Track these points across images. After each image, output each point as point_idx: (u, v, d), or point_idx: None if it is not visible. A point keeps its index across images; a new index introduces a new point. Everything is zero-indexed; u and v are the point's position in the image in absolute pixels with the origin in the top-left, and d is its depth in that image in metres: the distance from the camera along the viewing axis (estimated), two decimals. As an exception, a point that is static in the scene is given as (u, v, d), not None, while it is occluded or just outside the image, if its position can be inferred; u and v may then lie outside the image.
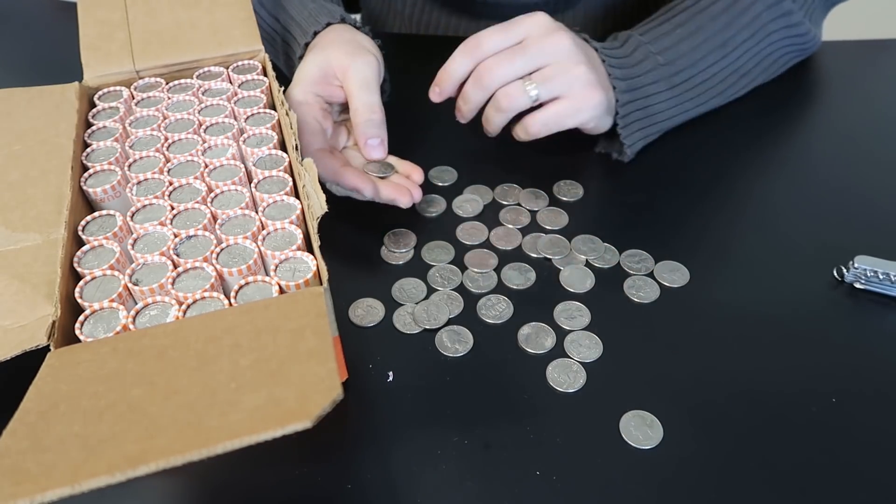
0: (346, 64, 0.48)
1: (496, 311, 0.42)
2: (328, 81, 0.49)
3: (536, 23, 0.48)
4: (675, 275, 0.43)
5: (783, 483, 0.33)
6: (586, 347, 0.39)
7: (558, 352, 0.39)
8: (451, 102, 0.50)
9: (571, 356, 0.39)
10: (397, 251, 0.46)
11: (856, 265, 0.42)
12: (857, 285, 0.42)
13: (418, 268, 0.45)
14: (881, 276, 0.41)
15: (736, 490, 0.33)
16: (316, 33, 0.52)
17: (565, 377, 0.38)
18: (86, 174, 0.39)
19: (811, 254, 0.45)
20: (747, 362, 0.39)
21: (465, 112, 0.50)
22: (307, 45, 0.52)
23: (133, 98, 0.46)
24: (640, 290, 0.43)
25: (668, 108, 0.52)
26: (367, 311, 0.42)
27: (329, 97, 0.49)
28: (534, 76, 0.47)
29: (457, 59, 0.48)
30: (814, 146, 0.54)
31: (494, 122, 0.49)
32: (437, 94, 0.50)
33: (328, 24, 0.52)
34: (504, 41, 0.47)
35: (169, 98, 0.45)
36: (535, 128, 0.48)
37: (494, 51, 0.47)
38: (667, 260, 0.45)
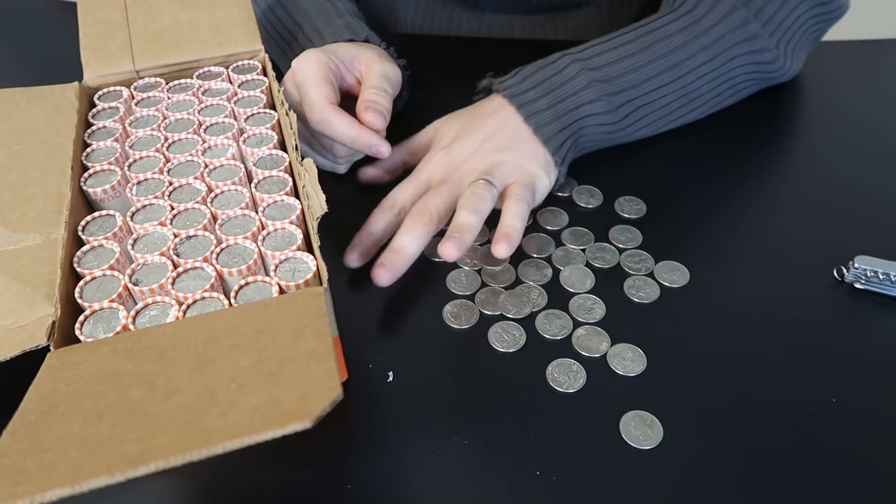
0: (374, 60, 0.48)
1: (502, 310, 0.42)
2: (350, 66, 0.48)
3: (435, 163, 0.47)
4: (674, 275, 0.43)
5: (783, 483, 0.33)
6: (585, 349, 0.39)
7: (562, 351, 0.39)
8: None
9: (572, 356, 0.39)
10: None
11: (856, 265, 0.42)
12: (857, 285, 0.42)
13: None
14: (881, 276, 0.41)
15: (736, 490, 0.33)
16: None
17: (565, 377, 0.38)
18: (86, 174, 0.39)
19: (811, 254, 0.45)
20: (747, 362, 0.39)
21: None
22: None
23: (133, 98, 0.46)
24: (640, 290, 0.43)
25: (608, 129, 0.50)
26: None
27: (343, 77, 0.48)
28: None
29: (375, 217, 0.45)
30: (814, 146, 0.54)
31: (465, 238, 0.42)
32: (354, 258, 0.43)
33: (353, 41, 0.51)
34: (415, 190, 0.46)
35: (169, 98, 0.45)
36: (510, 220, 0.43)
37: (412, 200, 0.46)
38: (667, 260, 0.45)
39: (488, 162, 0.46)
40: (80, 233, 0.36)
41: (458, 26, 0.72)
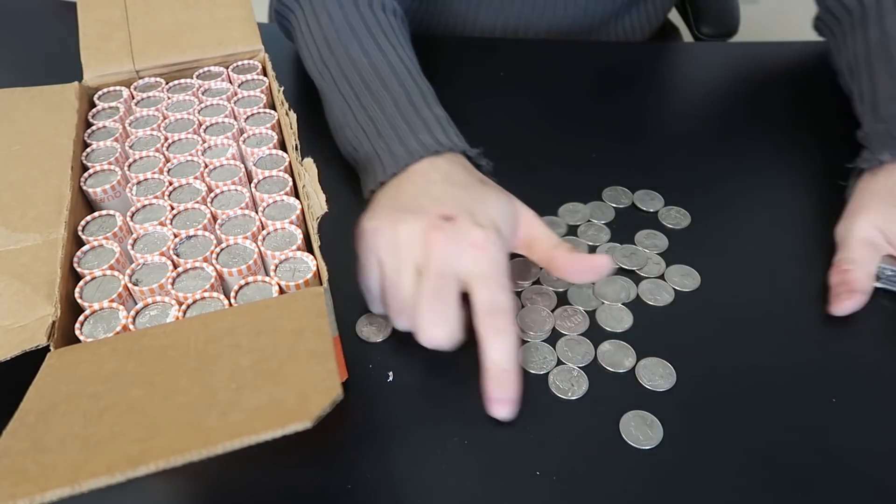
0: (531, 217, 0.41)
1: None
2: (525, 233, 0.41)
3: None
4: (686, 279, 0.43)
5: (783, 483, 0.33)
6: (583, 352, 0.39)
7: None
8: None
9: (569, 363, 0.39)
10: None
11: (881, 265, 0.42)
12: (877, 284, 0.42)
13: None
14: (888, 273, 0.41)
15: (736, 490, 0.33)
16: (437, 153, 0.43)
17: (567, 385, 0.38)
18: (86, 174, 0.39)
19: (819, 254, 0.44)
20: (749, 361, 0.39)
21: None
22: (418, 158, 0.43)
23: (133, 98, 0.46)
24: (655, 294, 0.42)
25: None
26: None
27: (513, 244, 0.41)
28: None
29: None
30: (818, 146, 0.54)
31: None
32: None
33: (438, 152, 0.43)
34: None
35: (169, 98, 0.45)
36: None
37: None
38: (678, 264, 0.44)
39: None
40: (80, 233, 0.36)
41: (454, 25, 0.72)
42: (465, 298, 0.37)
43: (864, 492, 0.33)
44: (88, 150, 0.41)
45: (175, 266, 0.34)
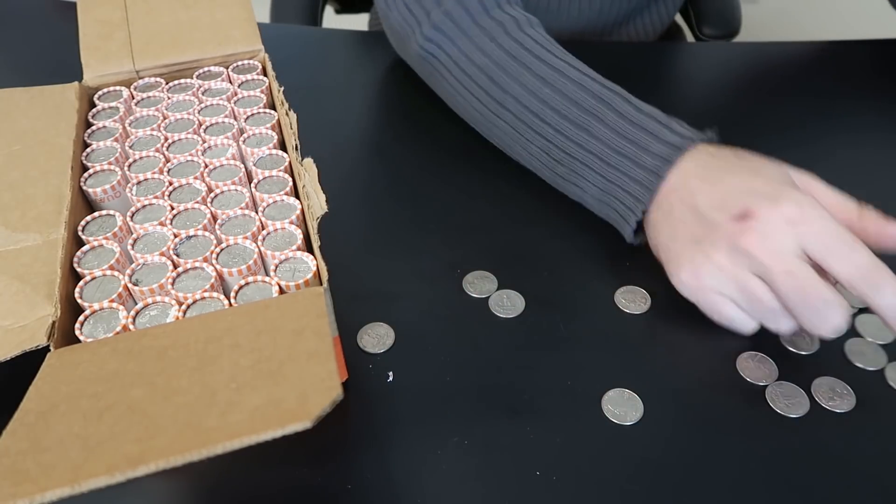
0: (817, 189, 0.39)
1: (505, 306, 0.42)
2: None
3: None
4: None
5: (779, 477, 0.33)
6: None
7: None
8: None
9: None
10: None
11: None
12: None
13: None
14: None
15: (729, 490, 0.33)
16: (676, 158, 0.40)
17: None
18: (86, 174, 0.39)
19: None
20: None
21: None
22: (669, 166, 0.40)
23: (133, 98, 0.46)
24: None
25: None
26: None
27: None
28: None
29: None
30: (816, 146, 0.54)
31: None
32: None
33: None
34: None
35: (169, 98, 0.45)
36: None
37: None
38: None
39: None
40: (80, 233, 0.36)
41: None
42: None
43: (849, 480, 0.33)
44: (88, 150, 0.41)
45: (175, 266, 0.34)
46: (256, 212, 0.37)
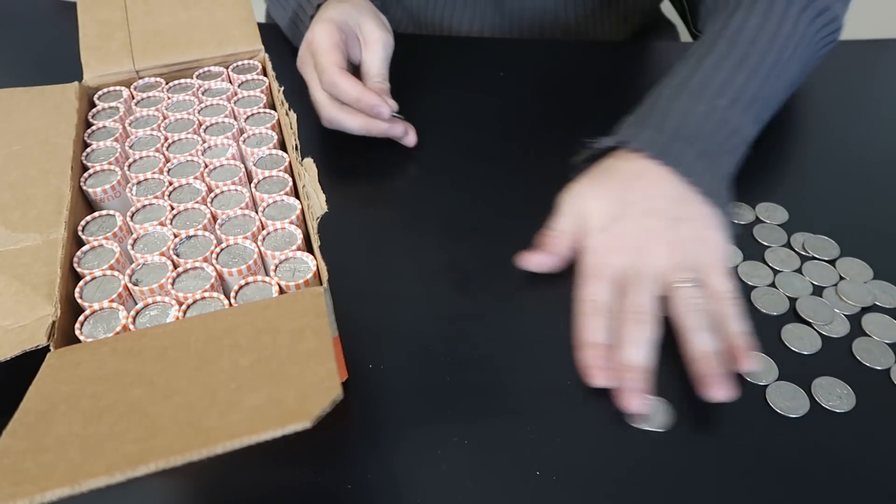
0: (373, 30, 0.53)
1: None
2: (352, 37, 0.54)
3: (611, 251, 0.41)
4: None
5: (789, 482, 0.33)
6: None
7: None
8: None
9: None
10: None
11: None
12: None
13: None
14: None
15: (736, 490, 0.33)
16: None
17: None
18: (86, 174, 0.39)
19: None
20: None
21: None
22: (319, 5, 0.56)
23: (133, 98, 0.46)
24: None
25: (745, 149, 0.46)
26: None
27: (349, 46, 0.53)
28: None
29: (588, 325, 0.39)
30: (815, 146, 0.54)
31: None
32: (602, 378, 0.37)
33: None
34: (612, 286, 0.40)
35: (169, 98, 0.45)
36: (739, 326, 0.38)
37: (613, 299, 0.40)
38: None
39: (671, 244, 0.40)
40: (80, 233, 0.36)
41: (459, 27, 0.72)
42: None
43: (868, 491, 0.33)
44: (88, 150, 0.41)
45: (175, 266, 0.34)
46: (256, 212, 0.37)
